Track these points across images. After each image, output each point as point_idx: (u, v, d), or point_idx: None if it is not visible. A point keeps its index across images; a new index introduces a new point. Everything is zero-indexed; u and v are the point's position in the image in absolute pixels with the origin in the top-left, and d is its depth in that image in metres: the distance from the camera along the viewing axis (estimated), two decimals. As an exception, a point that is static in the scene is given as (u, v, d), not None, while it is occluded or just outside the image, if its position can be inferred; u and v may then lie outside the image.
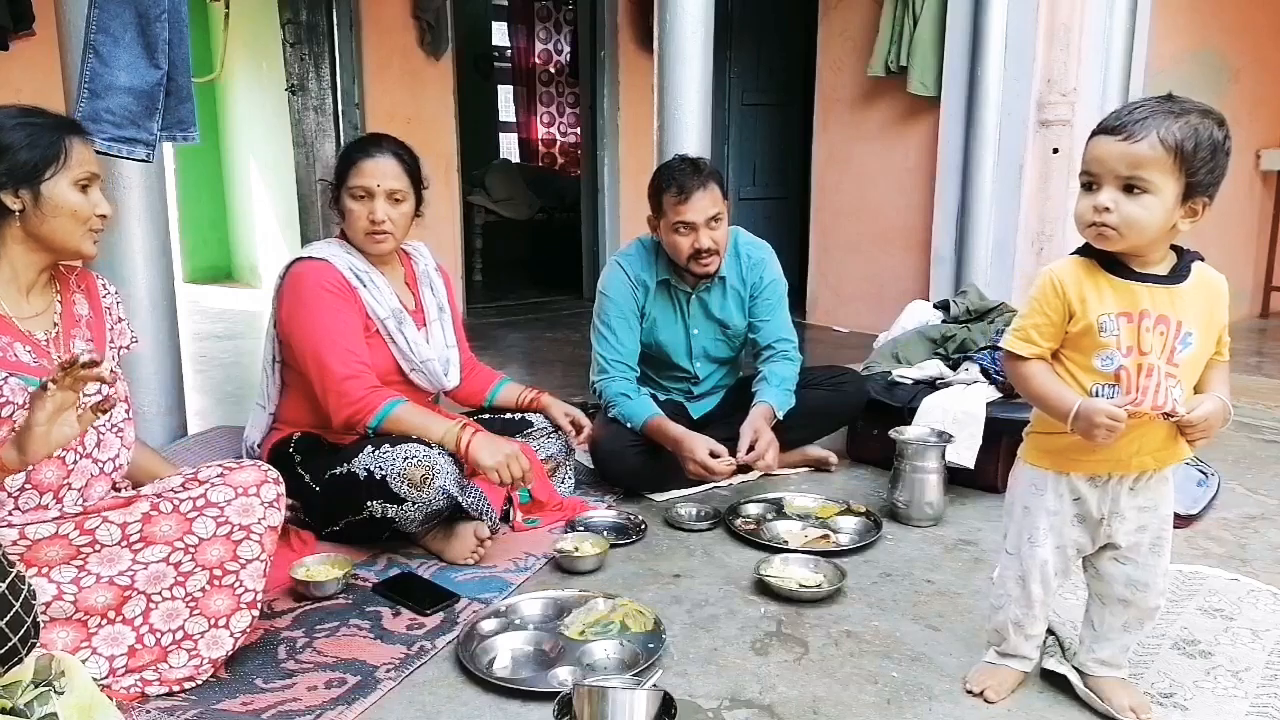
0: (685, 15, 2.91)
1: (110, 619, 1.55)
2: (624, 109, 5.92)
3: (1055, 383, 1.44)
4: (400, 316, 2.24)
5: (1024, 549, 1.55)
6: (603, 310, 2.64)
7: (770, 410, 2.51)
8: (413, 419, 2.09)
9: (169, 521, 1.59)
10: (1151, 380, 1.38)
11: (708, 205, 2.46)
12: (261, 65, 5.93)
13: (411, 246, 2.42)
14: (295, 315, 2.13)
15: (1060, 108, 4.03)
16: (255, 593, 1.65)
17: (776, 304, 2.70)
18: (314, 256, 2.19)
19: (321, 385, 2.09)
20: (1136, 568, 1.51)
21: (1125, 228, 1.34)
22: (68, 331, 1.70)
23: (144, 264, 2.46)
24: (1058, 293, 1.42)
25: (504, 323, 5.54)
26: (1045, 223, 4.15)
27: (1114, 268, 1.41)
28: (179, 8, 2.26)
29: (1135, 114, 1.33)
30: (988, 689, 1.59)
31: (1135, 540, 1.50)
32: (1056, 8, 3.99)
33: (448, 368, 2.36)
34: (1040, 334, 1.44)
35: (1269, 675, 1.65)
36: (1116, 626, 1.55)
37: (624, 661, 1.68)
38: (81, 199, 1.62)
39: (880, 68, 4.60)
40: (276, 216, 6.21)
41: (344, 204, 2.19)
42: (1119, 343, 1.39)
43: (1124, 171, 1.33)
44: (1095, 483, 1.48)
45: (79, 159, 1.62)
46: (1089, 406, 1.37)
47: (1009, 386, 2.55)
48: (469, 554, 2.11)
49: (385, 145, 2.20)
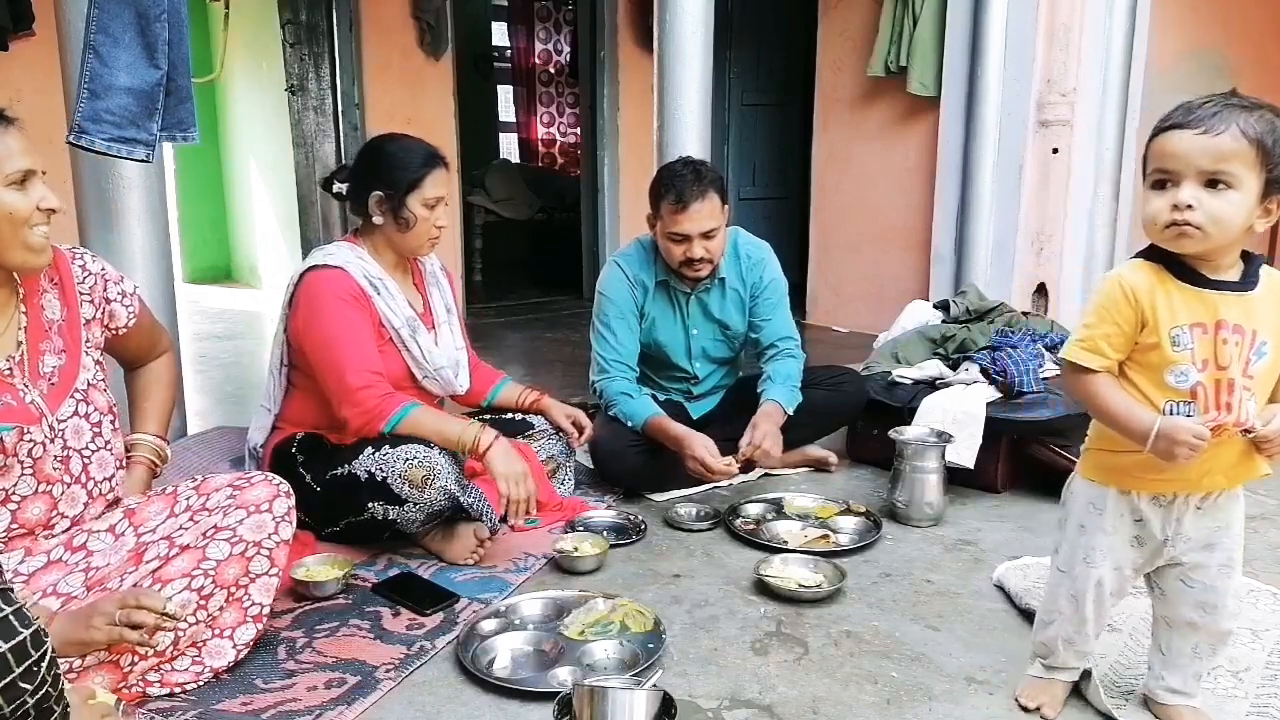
0: (685, 15, 2.91)
1: (143, 654, 1.51)
2: (624, 109, 5.92)
3: (1128, 399, 1.35)
4: (414, 325, 2.24)
5: (1078, 568, 1.46)
6: (602, 310, 2.63)
7: (778, 407, 2.51)
8: (427, 422, 2.08)
9: (182, 560, 1.56)
10: (1234, 396, 1.30)
11: (704, 218, 2.44)
12: (261, 65, 5.93)
13: None
14: (311, 323, 2.12)
15: (1060, 108, 4.03)
16: (262, 606, 1.65)
17: (778, 303, 2.70)
18: (329, 264, 2.16)
19: (337, 393, 2.08)
20: (1205, 589, 1.42)
21: (1211, 225, 1.25)
22: (34, 348, 1.55)
23: (144, 264, 2.46)
24: (1129, 300, 1.32)
25: (504, 323, 5.54)
26: (1045, 223, 4.15)
27: (1184, 274, 1.31)
28: (179, 8, 2.26)
29: (1206, 109, 1.25)
30: (1043, 705, 1.53)
31: (1202, 560, 1.42)
32: (1056, 8, 3.99)
33: (458, 371, 2.36)
34: (1111, 345, 1.34)
35: (1269, 675, 1.65)
36: (1186, 651, 1.47)
37: (624, 661, 1.68)
38: (15, 197, 1.42)
39: (880, 68, 4.60)
40: (276, 217, 6.21)
41: (414, 212, 2.18)
42: (1193, 356, 1.30)
43: (1207, 166, 1.24)
44: (1159, 502, 1.40)
45: (4, 154, 1.41)
46: (1171, 426, 1.28)
47: (1008, 387, 2.55)
48: (469, 554, 2.11)
49: (441, 154, 2.24)
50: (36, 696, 1.03)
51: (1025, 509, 2.51)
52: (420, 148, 2.22)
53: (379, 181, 2.19)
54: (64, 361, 1.60)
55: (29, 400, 1.52)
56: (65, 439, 1.56)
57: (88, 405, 1.61)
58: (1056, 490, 2.60)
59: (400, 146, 2.22)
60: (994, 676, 1.67)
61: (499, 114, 9.01)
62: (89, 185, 2.41)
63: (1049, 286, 4.19)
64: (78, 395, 1.60)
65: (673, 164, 2.55)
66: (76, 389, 1.60)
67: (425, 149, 2.22)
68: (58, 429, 1.55)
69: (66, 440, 1.57)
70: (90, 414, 1.61)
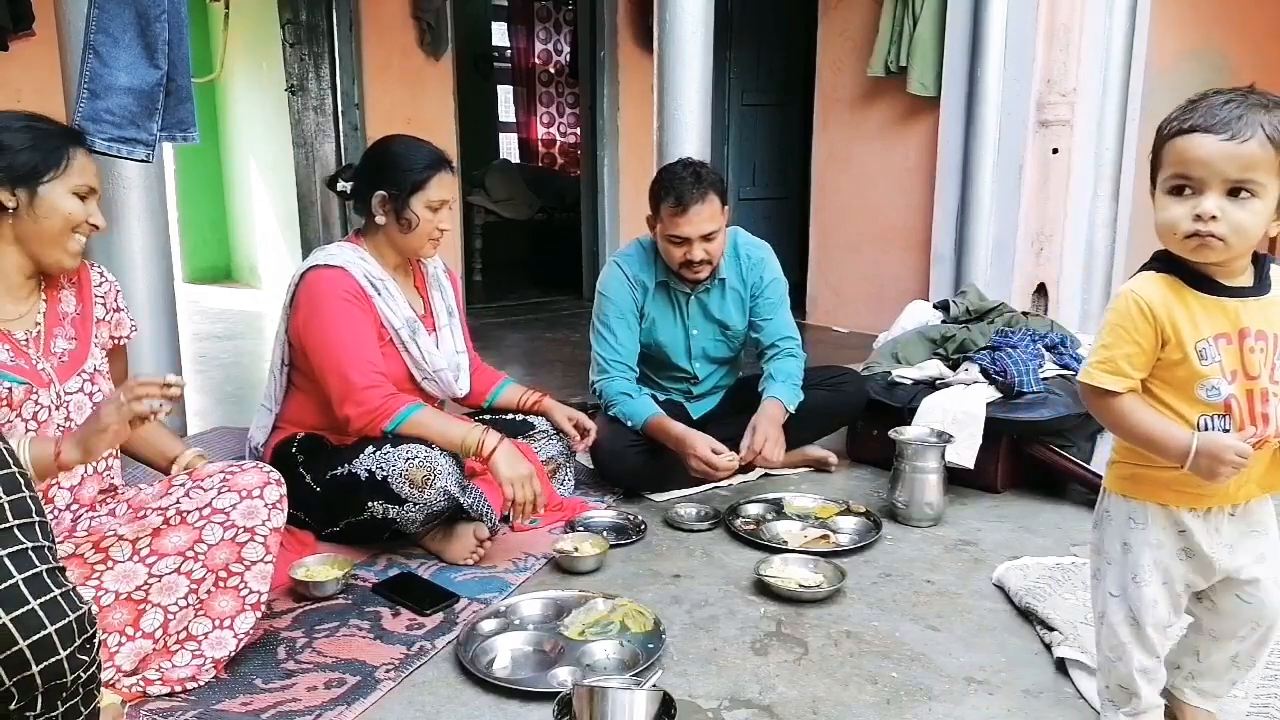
0: (685, 15, 2.91)
1: (131, 635, 1.55)
2: (624, 109, 5.92)
3: (1159, 418, 1.28)
4: (414, 326, 2.23)
5: (1129, 589, 1.36)
6: (602, 310, 2.64)
7: (779, 405, 2.50)
8: (431, 424, 2.08)
9: (179, 534, 1.60)
10: (1269, 406, 1.25)
11: (704, 221, 2.44)
12: (261, 65, 5.93)
13: None
14: (311, 322, 2.12)
15: (1060, 108, 4.03)
16: (260, 594, 1.66)
17: (778, 303, 2.70)
18: (330, 264, 2.16)
19: (339, 393, 2.08)
20: (1262, 606, 1.36)
21: (1234, 236, 1.19)
22: (50, 331, 1.70)
23: (144, 264, 2.46)
24: (1146, 316, 1.26)
25: (504, 323, 5.54)
26: (1045, 223, 4.15)
27: (1200, 283, 1.26)
28: (179, 8, 2.26)
29: (1229, 110, 1.19)
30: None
31: (1258, 574, 1.35)
32: (1056, 8, 3.99)
33: (458, 375, 2.36)
34: (1132, 364, 1.27)
35: (1269, 675, 1.65)
36: (1225, 660, 1.42)
37: (624, 662, 1.68)
38: (77, 205, 1.64)
39: (880, 68, 4.60)
40: (276, 216, 6.21)
41: (416, 213, 2.17)
42: (1222, 369, 1.25)
43: (1234, 175, 1.18)
44: (1197, 514, 1.34)
45: (80, 169, 1.65)
46: (1214, 445, 1.22)
47: (1008, 387, 2.55)
48: (468, 554, 2.11)
49: (446, 157, 2.24)
50: (84, 678, 1.07)
51: (1025, 509, 2.51)
52: (426, 149, 2.22)
53: (383, 181, 2.18)
54: (75, 347, 1.73)
55: (40, 368, 1.64)
56: (69, 411, 1.66)
57: (93, 386, 1.72)
58: (1056, 490, 2.63)
59: (406, 147, 2.22)
60: (994, 676, 1.67)
61: (499, 114, 9.01)
62: (89, 185, 2.41)
63: (1049, 286, 4.19)
64: (84, 375, 1.71)
65: (672, 166, 2.54)
66: (84, 370, 1.71)
67: (431, 151, 2.22)
68: (63, 399, 1.66)
69: (70, 412, 1.66)
70: (94, 394, 1.71)
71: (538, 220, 7.70)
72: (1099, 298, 4.18)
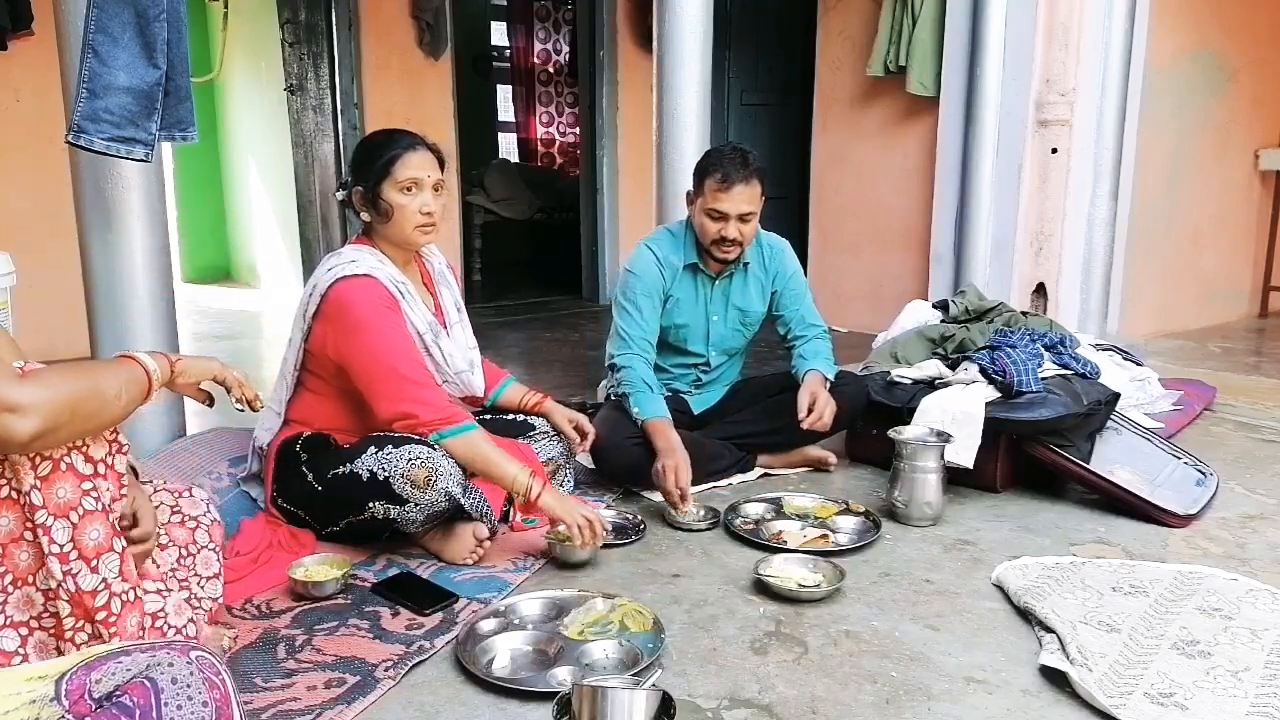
0: (685, 15, 2.91)
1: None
2: (623, 109, 5.92)
3: None
4: (435, 329, 2.22)
5: None
6: (628, 286, 2.67)
7: (821, 376, 2.62)
8: (487, 452, 2.06)
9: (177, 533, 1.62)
10: None
11: (745, 200, 2.52)
12: (260, 65, 5.93)
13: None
14: (355, 339, 2.07)
15: (1059, 108, 4.03)
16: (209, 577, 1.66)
17: (802, 294, 2.83)
18: (356, 273, 2.11)
19: (394, 394, 2.04)
20: None
21: None
22: None
23: (143, 264, 2.46)
24: None
25: (503, 323, 5.54)
26: (1044, 222, 4.15)
27: None
28: (177, 7, 2.25)
29: None
30: None
31: None
32: (1056, 8, 3.99)
33: (474, 371, 2.35)
34: None
35: (1269, 675, 1.65)
36: None
37: (623, 661, 1.68)
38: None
39: (879, 68, 4.60)
40: (275, 216, 6.21)
41: (388, 200, 2.12)
42: None
43: None
44: None
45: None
46: None
47: (1008, 387, 2.55)
48: (468, 554, 2.11)
49: (416, 138, 2.18)
50: None
51: (1024, 509, 2.51)
52: (394, 136, 2.18)
53: (357, 177, 2.17)
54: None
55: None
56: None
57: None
58: (1056, 490, 2.63)
59: (374, 139, 2.21)
60: (993, 676, 1.67)
61: (498, 114, 8.99)
62: (88, 185, 2.40)
63: (1048, 286, 4.19)
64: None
65: (721, 146, 2.63)
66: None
67: (398, 135, 2.18)
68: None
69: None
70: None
71: (537, 220, 7.70)
72: (1098, 297, 4.18)
